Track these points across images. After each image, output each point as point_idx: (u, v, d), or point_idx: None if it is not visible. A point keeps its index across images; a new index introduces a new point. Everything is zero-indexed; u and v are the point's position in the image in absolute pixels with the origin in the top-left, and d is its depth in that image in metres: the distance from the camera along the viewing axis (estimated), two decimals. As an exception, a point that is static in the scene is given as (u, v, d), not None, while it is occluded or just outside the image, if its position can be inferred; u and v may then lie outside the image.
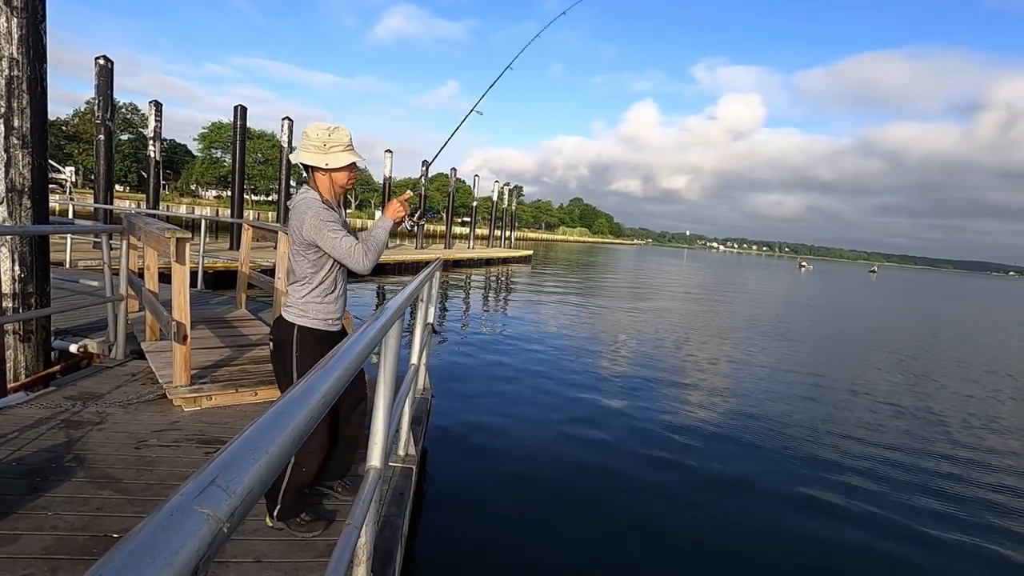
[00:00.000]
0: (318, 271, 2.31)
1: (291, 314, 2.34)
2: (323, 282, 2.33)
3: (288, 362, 2.35)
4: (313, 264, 2.30)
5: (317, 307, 2.33)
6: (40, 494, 2.40)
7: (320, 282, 2.32)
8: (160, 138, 14.48)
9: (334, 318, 2.40)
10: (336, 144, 2.27)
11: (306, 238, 2.24)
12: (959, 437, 6.49)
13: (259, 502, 0.75)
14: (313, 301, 2.33)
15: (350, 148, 2.30)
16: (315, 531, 2.32)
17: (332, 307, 2.38)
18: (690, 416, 6.40)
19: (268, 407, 0.75)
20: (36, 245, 3.94)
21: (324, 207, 2.25)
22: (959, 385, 9.59)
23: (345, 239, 2.23)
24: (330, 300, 2.37)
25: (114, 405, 3.52)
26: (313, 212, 2.22)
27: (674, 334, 12.25)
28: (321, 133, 2.26)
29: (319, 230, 2.21)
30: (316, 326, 2.34)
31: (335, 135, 2.26)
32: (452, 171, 32.14)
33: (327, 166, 2.26)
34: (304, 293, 2.32)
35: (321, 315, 2.35)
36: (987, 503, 4.73)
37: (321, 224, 2.21)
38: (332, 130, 2.27)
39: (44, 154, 3.90)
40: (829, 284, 45.48)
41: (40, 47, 3.75)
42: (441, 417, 5.53)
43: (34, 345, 3.99)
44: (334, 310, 2.39)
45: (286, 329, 2.34)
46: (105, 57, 11.78)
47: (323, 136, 2.26)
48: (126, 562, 0.42)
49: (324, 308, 2.35)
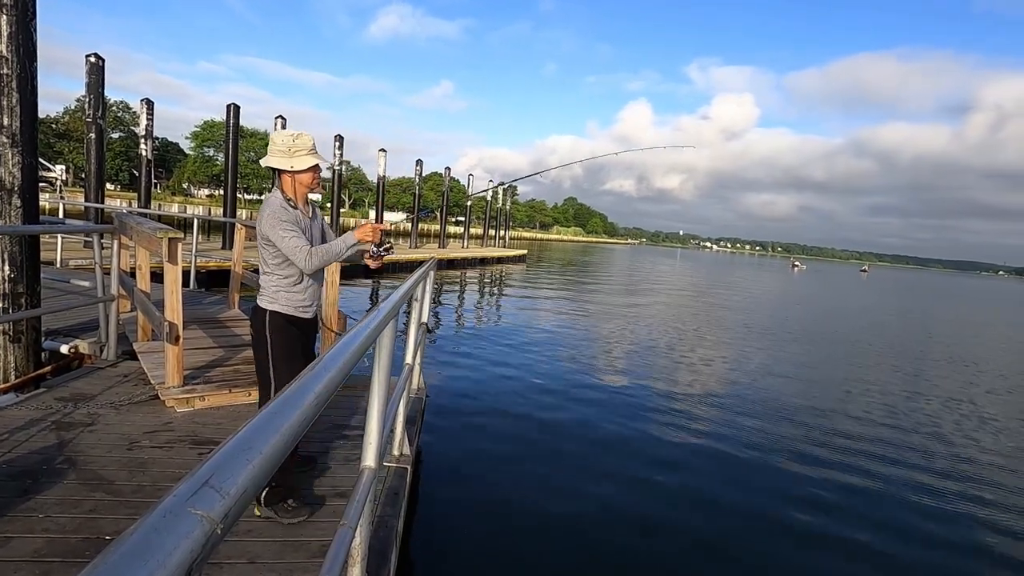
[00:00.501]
0: (282, 261, 2.52)
1: (263, 301, 2.58)
2: (288, 273, 2.55)
3: (264, 346, 2.55)
4: (275, 256, 2.52)
5: (285, 295, 2.56)
6: (31, 496, 2.38)
7: (285, 272, 2.55)
8: (152, 136, 14.37)
9: (304, 305, 2.62)
10: (300, 149, 2.49)
11: (264, 233, 2.48)
12: (951, 436, 6.55)
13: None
14: (281, 290, 2.56)
15: (313, 152, 2.52)
16: (300, 517, 2.42)
17: (300, 295, 2.60)
18: (685, 413, 6.42)
19: (262, 407, 0.74)
20: (26, 245, 3.90)
21: (284, 208, 2.49)
22: (951, 385, 9.68)
23: (294, 239, 2.45)
24: (298, 289, 2.58)
25: (106, 406, 3.49)
26: (271, 211, 2.48)
27: (669, 334, 12.29)
28: (286, 139, 2.49)
29: (273, 228, 2.45)
30: (285, 311, 2.57)
31: (299, 140, 2.49)
32: (446, 170, 32.09)
33: (292, 168, 2.49)
34: (272, 283, 2.56)
35: (291, 303, 2.58)
36: (979, 500, 4.78)
37: (276, 223, 2.45)
38: (296, 136, 2.49)
39: (34, 152, 3.87)
40: (823, 284, 45.76)
41: (30, 45, 3.72)
42: (436, 417, 5.52)
43: (24, 346, 3.96)
44: (303, 298, 2.61)
45: (259, 315, 2.58)
46: (96, 55, 11.68)
47: (288, 142, 2.48)
48: (119, 564, 0.42)
49: (292, 296, 2.58)
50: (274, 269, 2.54)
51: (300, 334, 2.62)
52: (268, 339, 2.54)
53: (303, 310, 2.62)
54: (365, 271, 17.85)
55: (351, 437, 3.37)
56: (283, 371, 2.55)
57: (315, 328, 2.79)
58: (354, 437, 3.35)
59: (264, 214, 2.48)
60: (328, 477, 2.87)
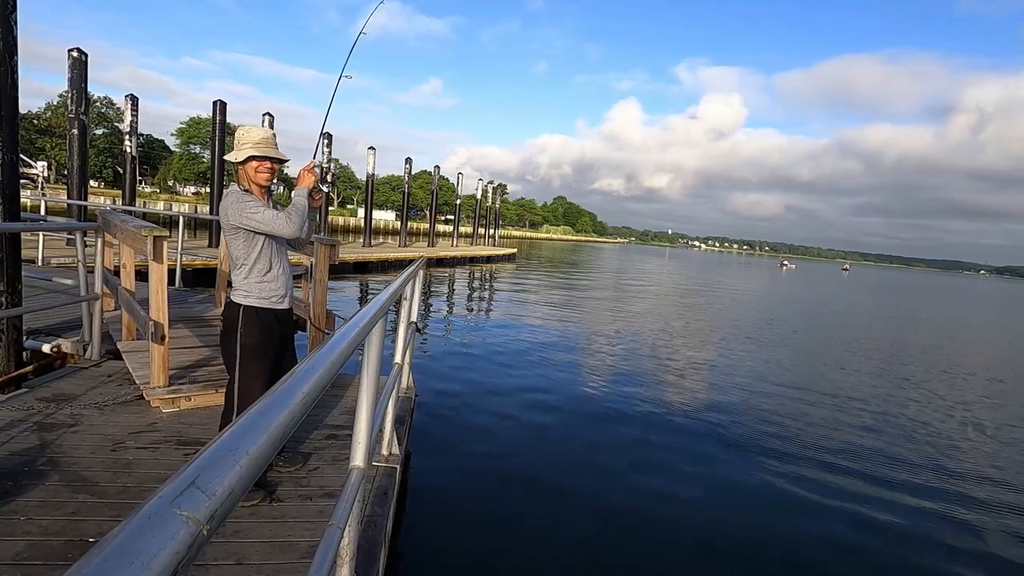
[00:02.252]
0: (251, 252, 2.53)
1: (236, 295, 2.58)
2: (258, 263, 2.56)
3: (232, 340, 2.55)
4: (244, 247, 2.53)
5: (258, 287, 2.57)
6: (12, 498, 2.34)
7: (255, 263, 2.55)
8: (136, 133, 14.18)
9: (278, 295, 2.64)
10: (243, 142, 2.53)
11: (232, 222, 2.48)
12: (938, 430, 6.66)
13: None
14: (253, 282, 2.56)
15: (259, 144, 2.53)
16: (252, 501, 2.44)
17: (273, 285, 2.61)
18: (673, 411, 6.46)
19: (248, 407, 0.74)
20: (7, 242, 3.84)
21: (244, 192, 2.51)
22: (934, 383, 9.84)
23: (266, 211, 2.47)
24: (269, 279, 2.59)
25: (89, 407, 3.44)
26: (234, 198, 2.49)
27: (658, 333, 12.37)
28: (239, 133, 2.56)
29: (240, 211, 2.45)
30: (261, 304, 2.58)
31: (246, 134, 2.54)
32: (435, 169, 31.98)
33: (234, 160, 2.54)
34: (243, 276, 2.56)
35: (264, 294, 2.59)
36: (965, 496, 4.86)
37: (241, 206, 2.46)
38: (246, 130, 2.55)
39: (15, 148, 3.80)
40: (811, 283, 46.26)
41: (10, 38, 3.65)
42: (425, 416, 5.51)
43: (5, 345, 3.89)
44: (275, 288, 2.62)
45: (232, 309, 2.58)
46: (79, 50, 11.49)
47: (239, 135, 2.55)
48: (102, 567, 0.42)
49: (265, 287, 2.58)
50: (244, 261, 2.54)
51: (276, 325, 2.63)
52: (240, 333, 2.53)
53: (278, 300, 2.63)
54: (354, 267, 17.83)
55: (340, 437, 3.35)
56: (251, 365, 2.54)
57: (290, 318, 2.80)
58: (343, 437, 3.34)
59: (227, 203, 2.49)
60: (316, 477, 2.85)
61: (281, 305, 2.66)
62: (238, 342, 2.54)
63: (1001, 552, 3.97)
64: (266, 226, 2.47)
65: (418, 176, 64.93)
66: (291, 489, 2.68)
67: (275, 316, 2.62)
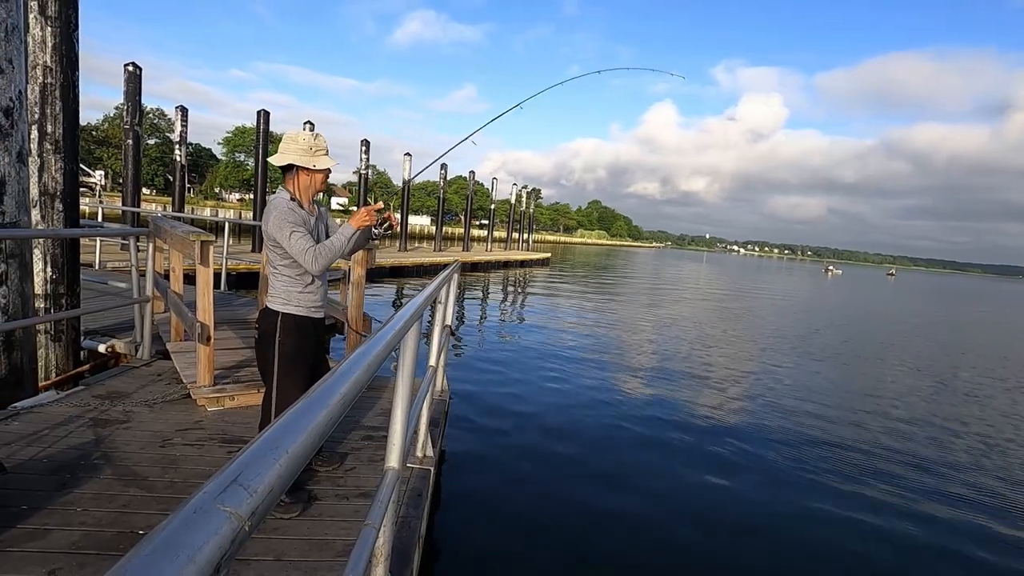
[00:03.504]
0: (291, 262, 2.51)
1: (274, 303, 2.57)
2: (299, 272, 2.54)
3: (271, 348, 2.54)
4: (282, 256, 2.50)
5: (298, 295, 2.56)
6: (69, 491, 2.46)
7: (296, 272, 2.54)
8: (186, 142, 14.79)
9: (315, 305, 2.63)
10: (320, 149, 2.52)
11: (271, 234, 2.46)
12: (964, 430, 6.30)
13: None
14: (293, 290, 2.55)
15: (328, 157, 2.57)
16: (292, 513, 2.43)
17: (313, 296, 2.61)
18: (716, 427, 6.31)
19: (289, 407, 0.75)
20: (67, 248, 4.04)
21: (290, 208, 2.47)
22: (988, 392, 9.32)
23: (300, 240, 2.43)
24: (311, 289, 2.59)
25: (140, 404, 3.59)
26: (278, 211, 2.45)
27: (700, 346, 12.10)
28: (308, 138, 2.50)
29: (280, 228, 2.43)
30: (298, 312, 2.57)
31: (319, 140, 2.51)
32: (470, 174, 32.25)
33: (314, 167, 2.51)
34: (283, 284, 2.55)
35: (302, 303, 2.58)
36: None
37: (282, 223, 2.43)
38: (316, 136, 2.51)
39: (75, 159, 4.01)
40: (856, 288, 44.51)
41: (72, 55, 3.86)
42: (459, 419, 5.54)
43: (64, 345, 4.10)
44: (314, 299, 2.62)
45: (270, 317, 2.56)
46: (134, 64, 12.08)
47: (310, 141, 2.50)
48: (150, 559, 0.43)
49: (302, 296, 2.57)
50: (283, 270, 2.53)
51: (313, 333, 2.64)
52: (277, 341, 2.53)
53: (315, 310, 2.64)
54: (390, 271, 18.10)
55: (375, 438, 3.40)
56: (289, 372, 2.54)
57: (324, 328, 2.86)
58: (378, 438, 3.38)
59: (270, 215, 2.46)
60: (352, 477, 2.90)
61: (318, 314, 2.66)
62: (276, 350, 2.54)
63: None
64: (292, 253, 2.44)
65: (453, 181, 65.59)
66: (328, 488, 2.74)
67: (312, 324, 2.64)
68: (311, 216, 2.59)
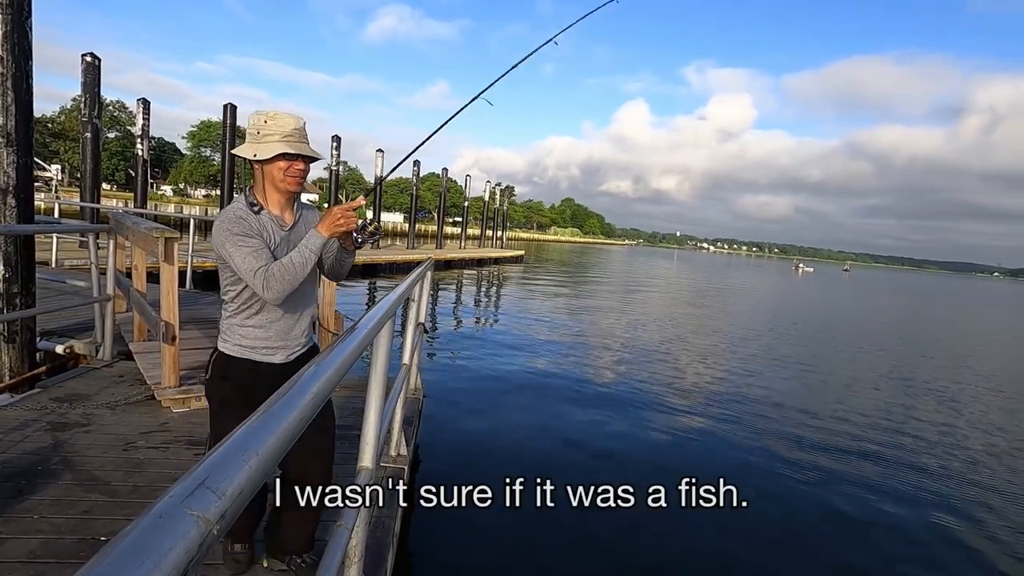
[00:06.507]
0: (234, 286, 1.90)
1: (219, 340, 1.99)
2: (241, 301, 1.91)
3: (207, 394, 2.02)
4: (231, 278, 1.90)
5: (240, 331, 1.93)
6: (26, 497, 2.37)
7: (238, 302, 1.91)
8: (148, 136, 14.33)
9: (270, 346, 1.95)
10: (270, 133, 1.83)
11: (215, 249, 1.87)
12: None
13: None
14: (235, 324, 1.94)
15: (290, 138, 1.83)
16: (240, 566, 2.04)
17: (261, 332, 1.93)
18: (686, 419, 6.43)
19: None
20: (21, 244, 3.89)
21: (238, 217, 1.83)
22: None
23: (248, 256, 1.78)
24: (256, 323, 1.92)
25: (101, 407, 3.48)
26: (220, 221, 1.84)
27: (668, 340, 12.31)
28: (255, 120, 1.86)
29: (223, 243, 1.81)
30: (234, 352, 1.93)
31: (272, 122, 1.83)
32: (443, 171, 32.08)
33: (255, 157, 1.84)
34: (227, 314, 1.95)
35: (247, 342, 1.93)
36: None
37: (226, 236, 1.80)
38: (270, 116, 1.84)
39: (29, 152, 3.85)
40: (827, 287, 45.90)
41: (26, 44, 3.71)
42: (433, 417, 5.52)
43: (19, 346, 3.94)
44: (261, 335, 1.93)
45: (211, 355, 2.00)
46: (92, 54, 11.63)
47: (258, 123, 1.85)
48: (114, 566, 0.42)
49: (248, 333, 1.93)
50: (232, 295, 1.92)
51: (256, 384, 1.89)
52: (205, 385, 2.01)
53: (268, 352, 1.94)
54: (362, 270, 17.90)
55: (348, 438, 3.35)
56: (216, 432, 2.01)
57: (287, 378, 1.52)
58: (351, 438, 3.34)
59: (218, 224, 1.84)
60: (325, 478, 2.86)
61: (272, 357, 1.95)
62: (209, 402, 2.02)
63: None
64: (239, 272, 1.81)
65: (426, 178, 65.19)
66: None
67: (256, 371, 1.93)
68: (281, 226, 1.92)
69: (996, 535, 4.20)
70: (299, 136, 1.86)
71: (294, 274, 1.81)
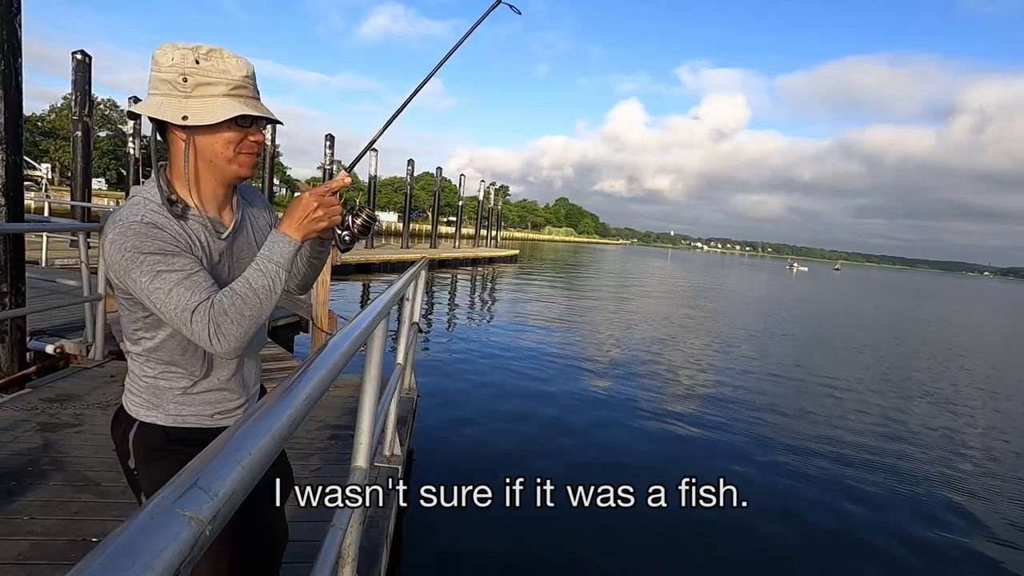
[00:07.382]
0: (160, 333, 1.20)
1: (128, 400, 1.29)
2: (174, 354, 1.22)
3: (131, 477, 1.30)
4: (144, 323, 1.19)
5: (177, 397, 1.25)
6: (16, 498, 2.35)
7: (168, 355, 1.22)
8: (140, 135, 14.23)
9: (222, 410, 1.29)
10: (208, 80, 1.09)
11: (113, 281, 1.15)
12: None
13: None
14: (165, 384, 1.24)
15: (242, 90, 1.13)
16: None
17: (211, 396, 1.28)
18: (678, 416, 6.45)
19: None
20: (10, 243, 3.86)
21: (149, 225, 1.08)
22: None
23: (177, 291, 1.06)
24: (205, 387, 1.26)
25: (92, 406, 3.45)
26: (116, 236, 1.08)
27: (661, 338, 12.35)
28: (177, 58, 1.09)
29: (125, 270, 1.07)
30: (178, 423, 1.25)
31: (209, 63, 1.10)
32: (437, 170, 32.04)
33: (185, 121, 1.09)
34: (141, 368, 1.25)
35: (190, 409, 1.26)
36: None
37: (130, 259, 1.06)
38: (205, 54, 1.09)
39: (19, 150, 3.82)
40: (803, 284, 46.18)
41: (15, 41, 3.67)
42: (427, 417, 5.51)
43: (9, 346, 3.91)
44: (215, 399, 1.28)
45: (121, 423, 1.30)
46: (83, 52, 11.53)
47: (183, 64, 1.09)
48: (105, 567, 0.42)
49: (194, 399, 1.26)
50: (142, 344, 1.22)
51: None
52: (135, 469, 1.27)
53: (224, 415, 1.30)
54: (356, 268, 17.85)
55: (342, 437, 3.35)
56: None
57: None
58: (345, 437, 3.34)
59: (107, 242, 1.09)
60: (318, 477, 2.85)
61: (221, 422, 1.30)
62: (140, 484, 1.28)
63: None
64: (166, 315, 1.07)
65: (420, 178, 65.05)
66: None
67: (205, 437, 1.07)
68: (217, 233, 1.21)
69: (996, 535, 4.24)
70: (253, 89, 1.17)
71: (257, 308, 1.11)
